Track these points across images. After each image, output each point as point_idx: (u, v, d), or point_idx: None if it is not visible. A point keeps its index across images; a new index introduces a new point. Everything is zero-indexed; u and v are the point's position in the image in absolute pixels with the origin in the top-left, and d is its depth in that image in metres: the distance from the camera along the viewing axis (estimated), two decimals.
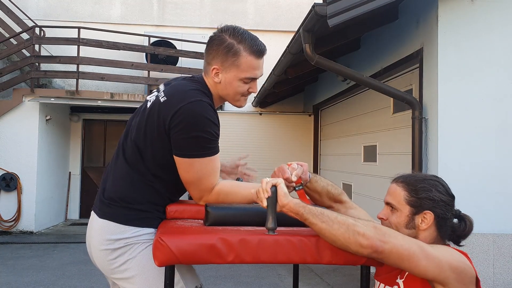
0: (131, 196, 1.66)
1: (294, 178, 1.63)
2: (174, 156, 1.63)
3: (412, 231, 1.52)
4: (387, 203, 1.60)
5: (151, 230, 1.66)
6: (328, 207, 1.71)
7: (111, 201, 1.67)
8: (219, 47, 1.65)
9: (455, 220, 1.58)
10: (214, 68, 1.67)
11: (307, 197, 1.71)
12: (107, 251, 1.65)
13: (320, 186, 1.75)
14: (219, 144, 1.67)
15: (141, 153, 1.66)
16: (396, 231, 1.43)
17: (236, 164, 2.03)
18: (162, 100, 1.64)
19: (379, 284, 1.61)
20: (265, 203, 1.42)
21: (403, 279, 1.51)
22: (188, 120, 1.57)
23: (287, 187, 1.55)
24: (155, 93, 1.74)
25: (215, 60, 1.66)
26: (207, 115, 1.59)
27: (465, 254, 1.48)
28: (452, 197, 1.57)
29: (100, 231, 1.67)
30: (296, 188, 1.66)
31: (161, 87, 1.75)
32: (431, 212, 1.52)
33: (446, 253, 1.42)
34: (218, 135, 1.64)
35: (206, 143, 1.60)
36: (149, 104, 1.70)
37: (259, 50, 1.66)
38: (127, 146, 1.71)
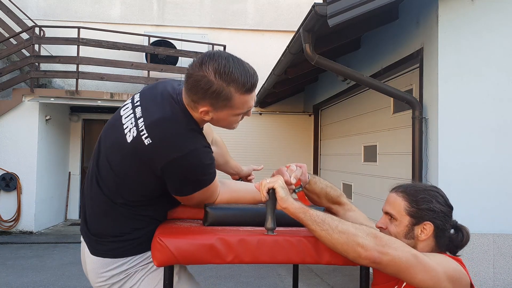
0: (119, 230, 1.57)
1: (293, 181, 1.61)
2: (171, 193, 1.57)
3: (411, 241, 1.51)
4: (386, 213, 1.58)
5: (148, 253, 1.59)
6: (327, 208, 1.71)
7: (100, 237, 1.58)
8: (206, 91, 1.43)
9: (452, 231, 1.58)
10: (203, 110, 1.48)
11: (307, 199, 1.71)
12: (106, 285, 1.60)
13: (318, 187, 1.74)
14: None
15: (119, 190, 1.55)
16: (397, 240, 1.43)
17: (251, 172, 2.04)
18: (147, 142, 1.45)
19: None
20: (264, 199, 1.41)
21: None
22: (186, 171, 1.48)
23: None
24: (131, 117, 1.54)
25: (203, 102, 1.46)
26: (204, 161, 1.50)
27: (460, 261, 1.48)
28: (451, 208, 1.57)
29: (95, 267, 1.59)
30: (296, 190, 1.65)
31: (138, 111, 1.53)
32: (431, 223, 1.51)
33: (443, 262, 1.42)
34: (214, 165, 1.56)
35: (204, 181, 1.54)
36: (128, 137, 1.50)
37: (251, 86, 1.47)
38: (101, 178, 1.57)
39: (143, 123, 1.49)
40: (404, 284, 1.47)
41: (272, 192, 1.42)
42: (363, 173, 6.37)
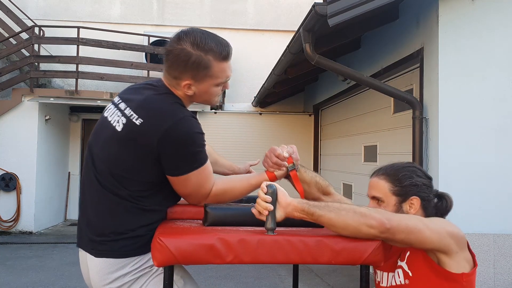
0: (124, 227, 1.57)
1: (285, 154, 1.67)
2: (168, 176, 1.58)
3: None
4: (373, 197, 1.64)
5: (149, 256, 1.58)
6: (316, 199, 1.73)
7: (103, 236, 1.57)
8: (186, 63, 1.54)
9: (435, 200, 1.64)
10: (186, 84, 1.59)
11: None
12: None
13: (308, 176, 1.78)
14: (219, 145, 1.66)
15: (122, 182, 1.56)
16: (391, 212, 1.49)
17: (248, 169, 2.05)
18: (138, 123, 1.52)
19: (382, 273, 1.62)
20: (271, 207, 1.39)
21: (404, 261, 1.54)
22: (179, 140, 1.51)
23: (279, 166, 1.67)
24: (116, 112, 1.61)
25: (185, 75, 1.57)
26: (196, 129, 1.55)
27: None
28: (430, 178, 1.65)
29: (100, 270, 1.58)
30: (289, 168, 1.69)
31: (122, 105, 1.61)
32: (417, 197, 1.58)
33: (440, 222, 1.48)
34: (205, 142, 1.61)
35: (198, 155, 1.57)
36: (118, 127, 1.56)
37: (227, 54, 1.59)
38: (101, 176, 1.59)
39: (130, 109, 1.57)
40: (408, 254, 1.53)
41: (272, 192, 1.41)
42: (363, 173, 6.37)
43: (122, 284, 1.58)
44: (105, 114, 1.67)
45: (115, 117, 1.60)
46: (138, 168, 1.55)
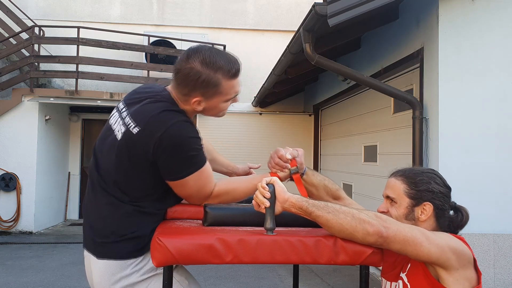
0: (123, 228, 1.59)
1: (288, 156, 1.66)
2: (167, 181, 1.59)
3: (411, 222, 1.54)
4: (387, 197, 1.62)
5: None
6: None
7: (104, 238, 1.60)
8: (196, 82, 1.55)
9: (451, 212, 1.61)
10: (195, 101, 1.60)
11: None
12: None
13: (316, 179, 1.75)
14: (219, 145, 1.65)
15: (123, 188, 1.59)
16: (394, 220, 1.46)
17: (248, 170, 2.05)
18: (135, 131, 1.54)
19: (386, 282, 1.63)
20: (267, 203, 1.40)
21: (405, 273, 1.53)
22: (172, 146, 1.52)
23: (281, 167, 1.65)
24: (119, 121, 1.64)
25: (194, 93, 1.58)
26: (189, 133, 1.56)
27: (462, 239, 1.50)
28: (449, 188, 1.61)
29: (102, 273, 1.60)
30: (292, 171, 1.67)
31: (124, 113, 1.63)
32: (430, 204, 1.55)
33: (444, 237, 1.46)
34: (202, 145, 1.61)
35: (194, 159, 1.57)
36: (119, 136, 1.59)
37: (236, 71, 1.60)
38: (103, 181, 1.63)
39: (129, 118, 1.59)
40: (409, 267, 1.51)
41: (271, 191, 1.41)
42: (363, 173, 6.37)
43: (124, 286, 1.58)
44: (110, 121, 1.70)
45: (117, 126, 1.63)
46: (137, 175, 1.58)
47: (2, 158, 8.18)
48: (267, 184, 1.43)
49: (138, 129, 1.54)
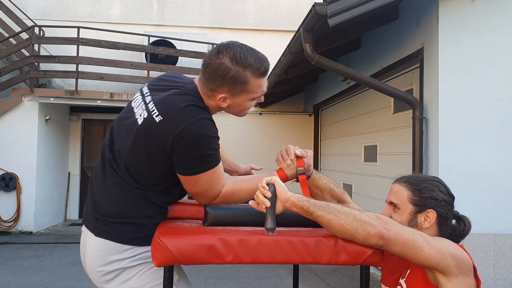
0: (127, 211, 1.60)
1: (297, 152, 1.66)
2: (178, 174, 1.59)
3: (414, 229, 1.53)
4: (390, 203, 1.62)
5: (148, 248, 1.58)
6: None
7: (107, 217, 1.60)
8: (224, 78, 1.55)
9: (454, 221, 1.61)
10: (221, 97, 1.60)
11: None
12: (103, 272, 1.60)
13: (322, 182, 1.75)
14: (220, 144, 1.66)
15: (134, 173, 1.60)
16: (396, 222, 1.46)
17: (249, 171, 2.05)
18: (157, 120, 1.54)
19: None
20: (268, 203, 1.40)
21: (404, 279, 1.53)
22: (192, 142, 1.52)
23: (284, 160, 1.66)
24: (142, 105, 1.63)
25: (221, 89, 1.58)
26: (209, 132, 1.56)
27: (463, 247, 1.51)
28: (453, 197, 1.61)
29: (97, 251, 1.60)
30: (298, 172, 1.66)
31: (148, 98, 1.63)
32: (433, 211, 1.55)
33: (445, 243, 1.46)
34: (219, 145, 1.62)
35: (209, 157, 1.58)
36: (140, 120, 1.59)
37: (265, 70, 1.60)
38: (116, 164, 1.63)
39: (153, 104, 1.59)
40: (408, 273, 1.52)
41: (272, 191, 1.41)
42: (363, 173, 6.37)
43: (115, 269, 1.59)
44: (132, 104, 1.70)
45: (140, 111, 1.62)
46: (149, 163, 1.58)
47: (2, 158, 8.18)
48: (267, 184, 1.43)
49: (160, 118, 1.54)
